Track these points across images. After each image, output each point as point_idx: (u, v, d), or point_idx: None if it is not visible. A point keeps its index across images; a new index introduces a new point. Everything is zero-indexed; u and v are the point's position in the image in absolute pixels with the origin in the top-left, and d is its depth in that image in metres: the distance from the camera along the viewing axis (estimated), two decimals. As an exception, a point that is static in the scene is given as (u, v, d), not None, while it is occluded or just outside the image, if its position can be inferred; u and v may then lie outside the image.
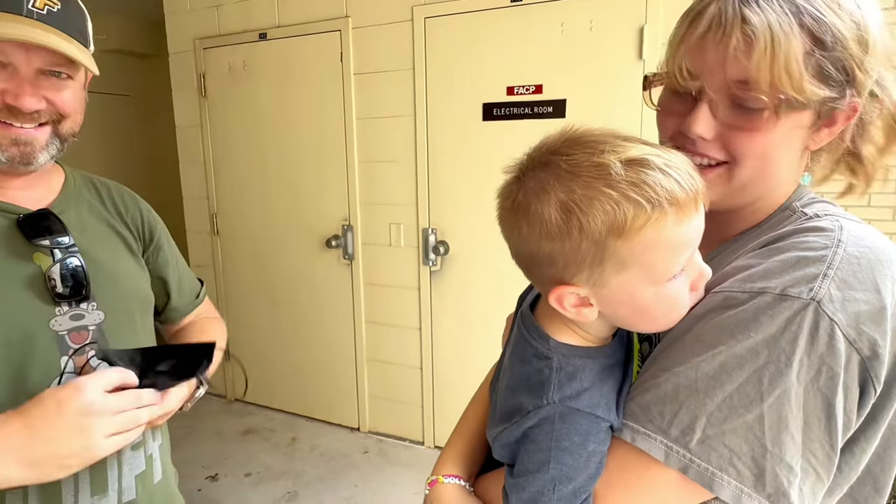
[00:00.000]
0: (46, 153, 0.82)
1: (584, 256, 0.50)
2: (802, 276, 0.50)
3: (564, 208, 0.49)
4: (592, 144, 0.50)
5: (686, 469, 0.50)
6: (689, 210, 0.50)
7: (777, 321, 0.49)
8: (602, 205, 0.48)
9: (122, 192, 1.03)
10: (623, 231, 0.48)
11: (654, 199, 0.48)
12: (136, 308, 0.95)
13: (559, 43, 2.23)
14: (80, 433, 0.66)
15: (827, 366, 0.48)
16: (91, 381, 0.69)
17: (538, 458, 0.54)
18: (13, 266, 0.80)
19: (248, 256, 3.14)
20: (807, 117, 0.56)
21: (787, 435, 0.48)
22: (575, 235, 0.49)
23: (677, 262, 0.51)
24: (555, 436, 0.53)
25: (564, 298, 0.53)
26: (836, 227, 0.54)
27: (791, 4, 0.52)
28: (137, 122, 4.47)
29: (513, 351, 0.62)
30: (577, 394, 0.54)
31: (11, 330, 0.78)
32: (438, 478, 0.68)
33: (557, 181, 0.50)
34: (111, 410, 0.69)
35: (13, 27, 0.73)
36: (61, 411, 0.66)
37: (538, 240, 0.52)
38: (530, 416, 0.55)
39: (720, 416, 0.49)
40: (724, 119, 0.57)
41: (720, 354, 0.51)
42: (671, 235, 0.49)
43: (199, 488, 2.57)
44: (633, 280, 0.51)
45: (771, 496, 0.48)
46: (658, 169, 0.49)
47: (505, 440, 0.59)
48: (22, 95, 0.76)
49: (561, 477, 0.53)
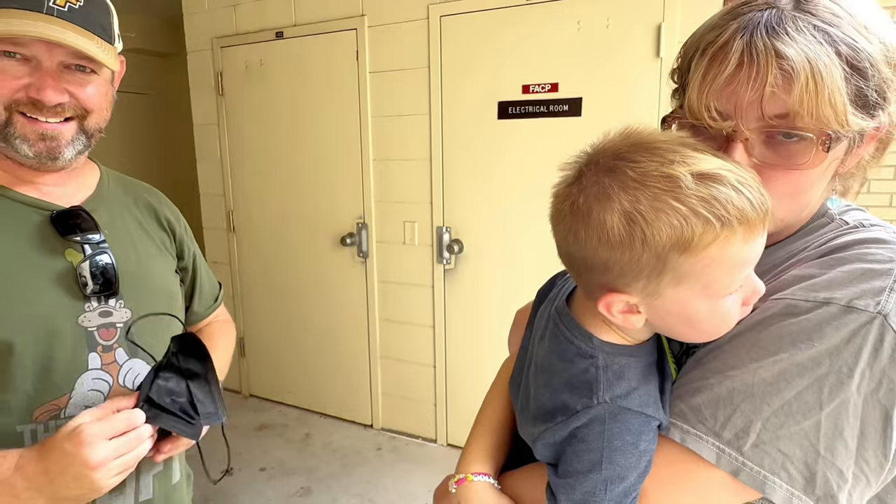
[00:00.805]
0: (73, 148, 0.83)
1: (642, 268, 0.49)
2: (869, 288, 0.50)
3: (628, 218, 0.48)
4: (661, 153, 0.48)
5: (737, 472, 0.51)
6: (758, 229, 0.49)
7: (842, 333, 0.49)
8: (669, 219, 0.46)
9: (154, 193, 1.05)
10: (688, 247, 0.47)
11: (724, 217, 0.46)
12: (164, 307, 0.96)
13: (575, 41, 2.21)
14: (86, 483, 0.70)
15: (888, 378, 0.48)
16: (97, 431, 0.70)
17: (589, 459, 0.53)
18: (45, 261, 0.82)
19: (263, 253, 3.17)
20: (843, 147, 0.55)
21: (840, 442, 0.49)
22: (637, 247, 0.48)
23: (737, 279, 0.51)
24: (607, 436, 0.53)
25: (613, 305, 0.53)
26: (895, 240, 0.55)
27: (823, 34, 0.50)
28: (156, 120, 4.53)
29: (550, 348, 0.61)
30: (628, 393, 0.53)
31: (40, 324, 0.79)
32: (467, 476, 0.67)
33: (623, 189, 0.48)
34: (113, 458, 0.71)
35: (32, 24, 0.74)
36: (72, 462, 0.69)
37: (596, 246, 0.50)
38: (579, 416, 0.54)
39: (776, 422, 0.50)
40: (761, 157, 0.54)
41: (781, 362, 0.51)
42: (735, 254, 0.48)
43: (214, 482, 2.60)
44: (689, 294, 0.51)
45: (820, 499, 0.49)
46: (730, 185, 0.47)
47: (549, 440, 0.58)
48: (44, 89, 0.77)
49: (613, 477, 0.52)
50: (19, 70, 0.77)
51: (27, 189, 0.84)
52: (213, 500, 2.47)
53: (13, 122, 0.78)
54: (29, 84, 0.77)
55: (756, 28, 0.51)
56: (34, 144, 0.80)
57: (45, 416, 0.80)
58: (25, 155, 0.80)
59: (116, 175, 1.00)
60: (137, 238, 0.95)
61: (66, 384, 0.81)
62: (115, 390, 0.85)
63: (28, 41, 0.75)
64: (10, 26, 0.73)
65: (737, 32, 0.52)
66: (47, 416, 0.80)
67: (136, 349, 0.87)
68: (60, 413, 0.81)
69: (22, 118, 0.78)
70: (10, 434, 0.78)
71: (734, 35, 0.52)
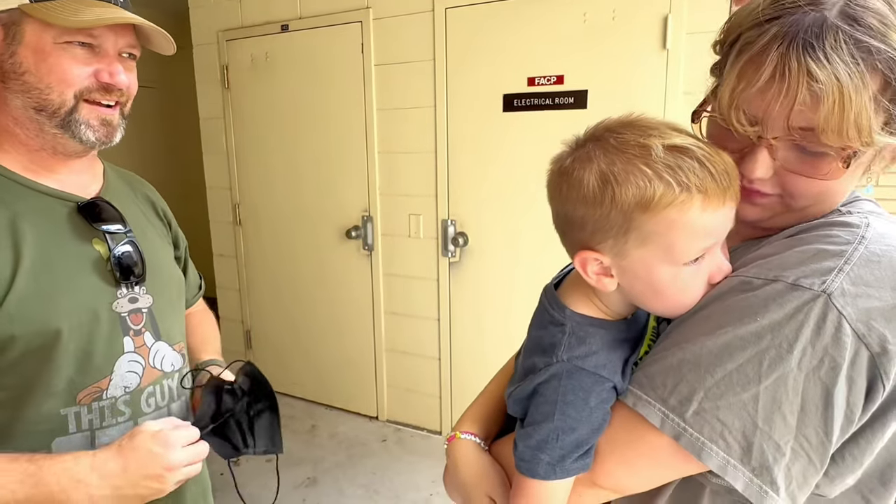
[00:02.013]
0: (120, 132, 0.87)
1: (611, 225, 0.54)
2: (818, 268, 0.51)
3: (602, 177, 0.53)
4: (643, 128, 0.55)
5: (679, 437, 0.53)
6: (716, 201, 0.53)
7: (785, 309, 0.50)
8: (636, 179, 0.52)
9: (147, 185, 1.08)
10: (649, 206, 0.52)
11: (684, 183, 0.51)
12: (175, 293, 1.00)
13: (581, 33, 2.20)
14: (159, 482, 0.76)
15: (830, 356, 0.49)
16: (177, 438, 0.78)
17: (545, 410, 0.59)
18: (79, 251, 0.84)
19: (269, 246, 3.18)
20: (869, 155, 0.55)
21: (779, 416, 0.50)
22: (606, 203, 0.53)
23: (696, 247, 0.55)
24: (561, 390, 0.58)
25: (588, 264, 0.58)
26: (862, 224, 0.55)
27: (862, 50, 0.49)
28: (162, 114, 4.54)
29: (532, 321, 0.67)
30: (586, 355, 0.59)
31: (82, 310, 0.82)
32: (456, 434, 0.73)
33: (603, 153, 0.54)
34: (185, 464, 0.78)
35: (107, 11, 0.79)
36: (154, 462, 0.76)
37: (574, 203, 0.56)
38: (541, 373, 0.60)
39: (717, 392, 0.52)
40: (785, 163, 0.56)
41: (725, 334, 0.53)
42: (693, 220, 0.53)
43: (221, 472, 2.62)
44: (652, 256, 0.55)
45: (755, 469, 0.51)
46: (695, 158, 0.52)
47: (518, 396, 0.64)
48: (116, 73, 0.82)
49: (565, 427, 0.57)
50: (86, 57, 0.80)
51: (45, 178, 0.85)
52: (220, 490, 2.49)
53: (79, 108, 0.81)
54: (99, 70, 0.81)
55: (794, 40, 0.50)
56: (97, 130, 0.83)
57: (88, 399, 0.83)
58: (87, 140, 0.83)
59: (113, 167, 1.02)
60: (145, 228, 0.97)
61: (106, 367, 0.85)
62: (147, 371, 0.90)
63: (95, 30, 0.79)
64: (96, 15, 0.77)
65: (775, 40, 0.52)
66: (90, 399, 0.83)
67: (158, 331, 0.92)
68: (102, 395, 0.84)
69: (87, 105, 0.81)
70: (54, 417, 0.81)
71: (772, 42, 0.52)
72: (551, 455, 0.58)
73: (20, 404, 0.79)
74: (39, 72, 0.78)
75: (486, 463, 0.69)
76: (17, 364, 0.78)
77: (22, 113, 0.80)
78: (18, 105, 0.79)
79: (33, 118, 0.80)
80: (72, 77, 0.79)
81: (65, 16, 0.76)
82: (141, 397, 0.89)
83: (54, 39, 0.77)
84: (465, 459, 0.70)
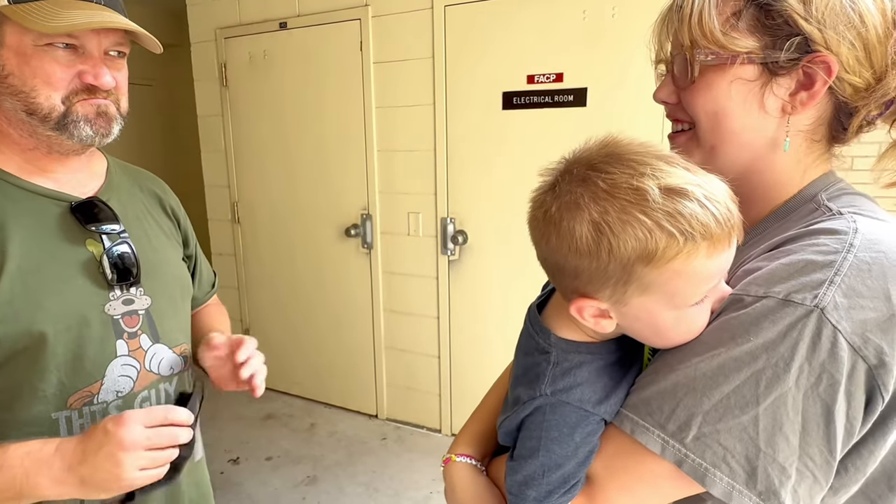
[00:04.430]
0: (117, 126, 0.85)
1: (609, 277, 0.51)
2: (808, 281, 0.50)
3: (596, 228, 0.49)
4: (633, 165, 0.50)
5: (681, 463, 0.51)
6: (722, 245, 0.50)
7: (778, 326, 0.49)
8: (635, 231, 0.48)
9: (157, 182, 1.06)
10: (652, 260, 0.49)
11: (688, 232, 0.48)
12: (178, 293, 0.98)
13: (581, 30, 2.20)
14: (113, 464, 0.70)
15: (828, 373, 0.47)
16: (134, 416, 0.71)
17: (530, 446, 0.57)
18: (69, 252, 0.83)
19: (268, 245, 3.18)
20: (749, 71, 0.57)
21: (781, 437, 0.49)
22: (603, 256, 0.50)
23: (701, 291, 0.52)
24: (545, 426, 0.56)
25: (584, 310, 0.55)
26: (849, 230, 0.53)
27: None
28: (160, 112, 4.53)
29: (519, 343, 0.65)
30: (569, 388, 0.56)
31: (71, 313, 0.80)
32: (451, 456, 0.71)
33: (593, 199, 0.50)
34: (143, 446, 0.71)
35: (88, 13, 0.77)
36: (107, 441, 0.70)
37: (566, 254, 0.52)
38: (526, 406, 0.58)
39: (716, 416, 0.50)
40: (676, 81, 0.63)
41: (719, 356, 0.51)
42: (699, 268, 0.50)
43: (221, 471, 2.62)
44: (655, 303, 0.52)
45: (762, 494, 0.49)
46: (696, 200, 0.48)
47: (507, 428, 0.63)
48: (101, 75, 0.80)
49: (550, 464, 0.56)
50: (69, 59, 0.79)
51: (40, 178, 0.84)
52: (220, 489, 2.49)
53: (72, 110, 0.79)
54: (83, 71, 0.79)
55: None
56: (94, 121, 0.81)
57: (79, 403, 0.82)
58: (85, 137, 0.81)
59: (121, 164, 1.01)
60: (148, 227, 0.96)
61: (97, 371, 0.83)
62: (142, 375, 0.88)
63: (79, 31, 0.77)
64: (75, 18, 0.75)
65: None
66: (81, 403, 0.82)
67: (157, 333, 0.90)
68: (93, 399, 0.83)
69: (79, 102, 0.80)
70: (45, 421, 0.80)
71: None
72: (538, 491, 0.56)
73: (10, 407, 0.78)
74: (23, 74, 0.76)
75: (482, 486, 0.68)
76: (3, 367, 0.77)
77: (13, 115, 0.79)
78: (9, 107, 0.78)
79: (25, 120, 0.79)
80: (56, 80, 0.77)
81: (42, 20, 0.73)
82: (135, 402, 0.87)
83: (34, 42, 0.75)
84: (461, 484, 0.69)
